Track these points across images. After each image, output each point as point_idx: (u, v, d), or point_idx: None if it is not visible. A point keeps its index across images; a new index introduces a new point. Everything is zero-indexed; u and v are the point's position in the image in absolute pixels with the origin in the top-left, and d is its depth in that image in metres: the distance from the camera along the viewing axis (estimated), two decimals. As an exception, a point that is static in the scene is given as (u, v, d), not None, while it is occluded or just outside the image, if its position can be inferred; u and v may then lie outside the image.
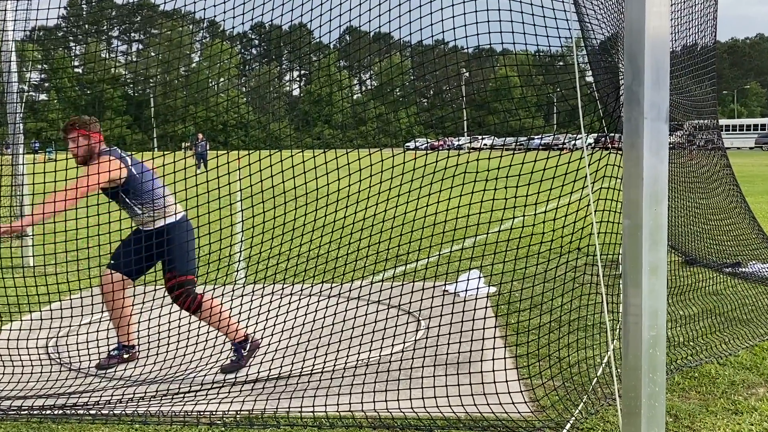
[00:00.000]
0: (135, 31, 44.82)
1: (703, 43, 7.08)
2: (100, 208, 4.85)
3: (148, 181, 4.79)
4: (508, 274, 5.48)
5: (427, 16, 4.19)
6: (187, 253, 4.83)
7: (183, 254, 4.81)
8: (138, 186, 4.76)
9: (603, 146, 4.07)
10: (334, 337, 4.77)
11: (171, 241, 4.80)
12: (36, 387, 4.53)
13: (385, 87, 5.17)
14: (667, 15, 3.08)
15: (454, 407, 3.91)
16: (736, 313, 5.88)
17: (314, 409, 4.00)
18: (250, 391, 4.37)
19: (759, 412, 3.94)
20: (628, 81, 3.12)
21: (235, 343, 4.94)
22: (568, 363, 4.57)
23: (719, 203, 7.68)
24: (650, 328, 3.15)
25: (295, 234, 4.98)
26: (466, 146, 28.62)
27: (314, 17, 4.58)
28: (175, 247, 4.80)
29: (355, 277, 6.44)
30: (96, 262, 5.35)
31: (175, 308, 5.20)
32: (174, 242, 4.79)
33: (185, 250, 4.82)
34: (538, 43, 4.02)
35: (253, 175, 4.82)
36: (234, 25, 4.80)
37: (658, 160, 3.08)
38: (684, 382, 4.40)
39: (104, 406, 4.16)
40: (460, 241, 9.13)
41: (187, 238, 4.83)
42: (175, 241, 4.80)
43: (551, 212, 4.36)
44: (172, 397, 4.34)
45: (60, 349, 5.35)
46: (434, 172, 4.42)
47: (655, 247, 3.12)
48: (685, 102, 7.33)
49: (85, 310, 5.23)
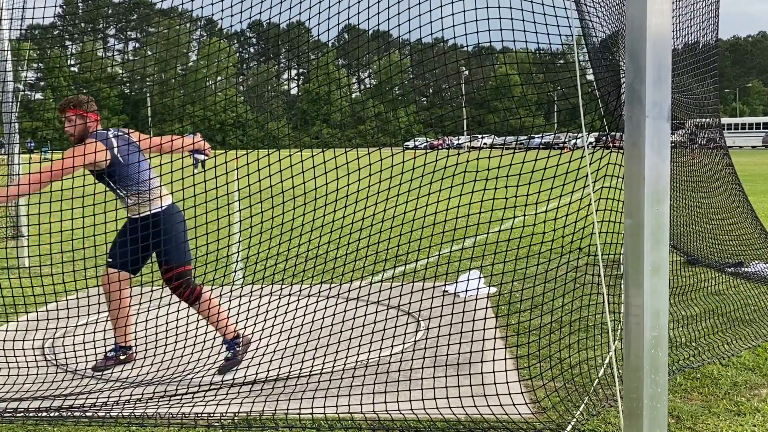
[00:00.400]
0: (131, 30, 44.79)
1: (705, 41, 7.04)
2: (96, 208, 4.81)
3: (134, 165, 4.69)
4: (509, 275, 5.44)
5: (426, 13, 4.15)
6: (181, 242, 4.77)
7: (177, 244, 4.75)
8: (123, 170, 4.68)
9: (604, 145, 4.03)
10: (333, 338, 4.74)
11: (162, 231, 4.72)
12: (32, 389, 4.49)
13: (384, 86, 5.15)
14: (669, 12, 3.06)
15: (454, 409, 3.87)
16: (738, 314, 5.84)
17: (313, 411, 3.97)
18: (248, 393, 4.33)
19: (762, 413, 3.91)
20: (630, 79, 3.09)
21: (227, 340, 4.90)
22: (569, 364, 4.53)
23: (721, 203, 7.64)
24: (652, 329, 3.14)
25: (293, 234, 4.94)
26: (466, 145, 28.59)
27: (312, 15, 4.55)
28: (168, 237, 4.73)
29: (354, 278, 6.41)
30: (92, 263, 5.30)
31: (172, 309, 5.16)
32: (165, 232, 4.72)
33: (179, 239, 4.76)
34: (538, 41, 3.98)
35: (251, 175, 4.78)
36: (232, 24, 4.74)
37: (659, 159, 3.06)
38: (686, 383, 4.36)
39: (101, 408, 4.12)
40: (460, 241, 9.09)
41: (178, 226, 4.76)
42: (167, 232, 4.73)
43: (552, 212, 4.32)
44: (169, 398, 4.30)
45: (56, 351, 5.31)
46: (434, 171, 4.38)
47: (657, 247, 3.10)
48: (687, 100, 7.29)
49: (80, 311, 5.19)
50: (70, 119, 4.74)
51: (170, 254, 4.74)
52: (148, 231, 4.72)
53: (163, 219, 4.76)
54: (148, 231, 4.72)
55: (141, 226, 4.75)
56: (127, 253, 4.81)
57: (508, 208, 4.31)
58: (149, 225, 4.72)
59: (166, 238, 4.72)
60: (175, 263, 4.74)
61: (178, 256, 4.75)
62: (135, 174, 4.70)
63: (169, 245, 4.73)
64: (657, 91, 3.04)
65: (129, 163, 4.69)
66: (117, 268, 4.86)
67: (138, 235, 4.75)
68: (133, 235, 4.79)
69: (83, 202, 4.82)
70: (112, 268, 4.88)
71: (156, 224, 4.72)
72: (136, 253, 4.85)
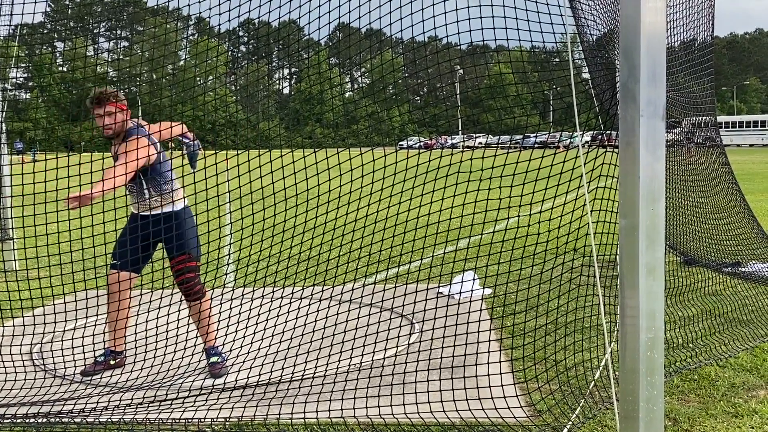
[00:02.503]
0: (121, 29, 44.66)
1: (701, 39, 7.01)
2: (82, 210, 4.75)
3: (166, 162, 4.67)
4: (504, 276, 5.39)
5: (418, 12, 4.10)
6: (195, 236, 4.74)
7: (194, 239, 4.72)
8: (157, 167, 4.61)
9: (600, 144, 3.98)
10: (326, 341, 4.68)
11: (180, 226, 4.68)
12: (19, 394, 4.43)
13: (378, 84, 5.09)
14: (663, 10, 3.04)
15: (448, 412, 3.83)
16: (735, 314, 5.80)
17: (305, 416, 3.92)
18: (239, 398, 4.28)
19: (759, 414, 3.87)
20: (624, 78, 3.07)
21: (208, 347, 4.86)
22: (564, 366, 4.49)
23: (718, 202, 7.61)
24: (648, 330, 3.11)
25: (285, 236, 4.88)
26: (461, 145, 28.55)
27: (303, 13, 4.50)
28: (186, 231, 4.69)
29: (347, 280, 6.35)
30: (80, 267, 5.24)
31: (162, 313, 5.10)
32: (183, 227, 4.69)
33: (195, 235, 4.74)
34: (532, 39, 3.94)
35: (243, 176, 4.72)
36: (220, 22, 4.69)
37: (654, 159, 3.03)
38: (683, 385, 4.32)
39: (89, 414, 4.06)
40: (455, 241, 9.05)
41: (190, 221, 4.76)
42: (185, 226, 4.70)
43: (546, 212, 4.28)
44: (159, 404, 4.24)
45: (44, 356, 5.24)
46: (426, 171, 4.33)
47: (652, 247, 3.07)
48: (683, 99, 7.26)
49: (69, 316, 5.12)
50: (110, 113, 4.54)
51: (185, 248, 4.68)
52: (159, 227, 4.64)
53: (182, 214, 4.74)
54: (159, 227, 4.64)
55: (152, 221, 4.67)
56: (134, 250, 4.72)
57: (503, 209, 4.26)
58: (161, 221, 4.65)
59: (183, 231, 4.68)
60: (193, 256, 4.70)
61: (194, 250, 4.73)
62: (168, 171, 4.67)
63: (186, 239, 4.68)
64: (651, 89, 3.01)
65: (163, 160, 4.65)
66: (121, 268, 4.75)
67: (148, 231, 4.67)
68: (139, 231, 4.71)
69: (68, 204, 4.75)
70: (113, 269, 4.78)
71: (168, 220, 4.65)
72: (146, 250, 4.79)
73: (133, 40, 18.29)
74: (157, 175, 4.65)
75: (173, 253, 4.71)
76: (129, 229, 4.80)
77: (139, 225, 4.74)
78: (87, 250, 4.96)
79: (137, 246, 4.73)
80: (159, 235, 4.67)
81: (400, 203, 4.59)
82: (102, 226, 4.84)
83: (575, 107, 3.56)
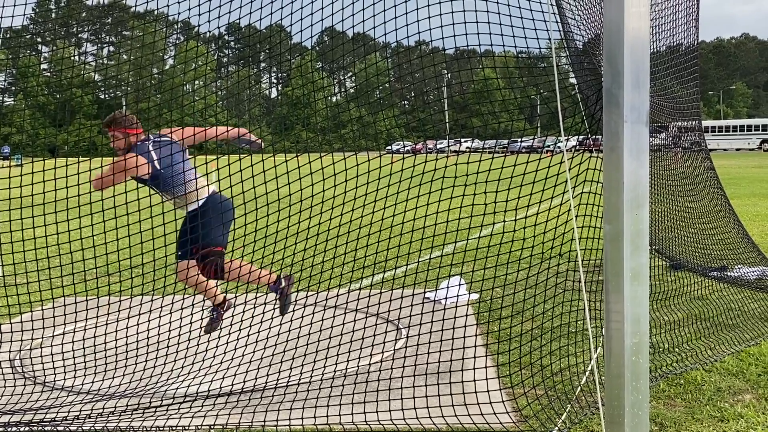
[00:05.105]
0: (106, 33, 44.41)
1: (685, 43, 7.03)
2: (70, 212, 4.71)
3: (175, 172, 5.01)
4: (490, 281, 5.38)
5: (402, 15, 4.09)
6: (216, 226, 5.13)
7: (218, 227, 5.14)
8: (167, 179, 5.05)
9: (587, 149, 3.98)
10: (312, 348, 4.65)
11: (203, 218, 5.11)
12: (1, 402, 4.37)
13: (364, 89, 5.07)
14: (647, 16, 3.05)
15: (434, 418, 3.81)
16: (721, 318, 5.81)
17: (290, 423, 3.89)
18: (224, 404, 4.25)
19: (745, 419, 3.87)
20: (608, 83, 3.08)
21: (271, 287, 5.36)
22: (551, 371, 4.48)
23: (704, 206, 7.63)
24: (633, 335, 3.12)
25: (269, 241, 4.86)
26: (447, 150, 28.55)
27: (289, 16, 4.48)
28: (209, 222, 5.10)
29: (332, 285, 6.32)
30: (68, 270, 5.19)
31: (143, 319, 5.06)
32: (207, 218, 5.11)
33: (220, 222, 5.14)
34: (516, 45, 3.94)
35: (227, 180, 4.70)
36: (210, 29, 4.68)
37: (638, 164, 3.04)
38: (669, 390, 4.32)
39: (73, 422, 4.02)
40: (441, 246, 9.04)
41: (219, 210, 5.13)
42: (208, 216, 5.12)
43: (532, 217, 4.27)
44: (143, 411, 4.21)
45: (24, 364, 5.18)
46: (411, 177, 4.32)
47: (637, 252, 3.07)
48: (667, 104, 7.28)
49: (55, 321, 5.05)
50: (114, 136, 5.13)
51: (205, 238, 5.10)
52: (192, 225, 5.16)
53: (202, 210, 5.14)
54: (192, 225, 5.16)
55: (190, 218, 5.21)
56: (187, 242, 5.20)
57: (489, 214, 4.25)
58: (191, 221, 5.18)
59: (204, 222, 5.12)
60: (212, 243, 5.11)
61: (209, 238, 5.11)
62: (178, 176, 5.04)
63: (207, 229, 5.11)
64: (635, 95, 3.02)
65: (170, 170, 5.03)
66: (182, 258, 5.23)
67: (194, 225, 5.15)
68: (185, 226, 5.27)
69: (56, 207, 4.71)
70: (179, 260, 5.25)
71: (198, 218, 5.13)
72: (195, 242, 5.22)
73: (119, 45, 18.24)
74: (166, 185, 5.08)
75: (197, 244, 5.15)
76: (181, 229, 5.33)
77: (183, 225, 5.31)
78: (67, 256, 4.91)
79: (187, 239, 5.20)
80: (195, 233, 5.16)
81: (384, 208, 4.57)
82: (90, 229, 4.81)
83: (560, 113, 3.57)
